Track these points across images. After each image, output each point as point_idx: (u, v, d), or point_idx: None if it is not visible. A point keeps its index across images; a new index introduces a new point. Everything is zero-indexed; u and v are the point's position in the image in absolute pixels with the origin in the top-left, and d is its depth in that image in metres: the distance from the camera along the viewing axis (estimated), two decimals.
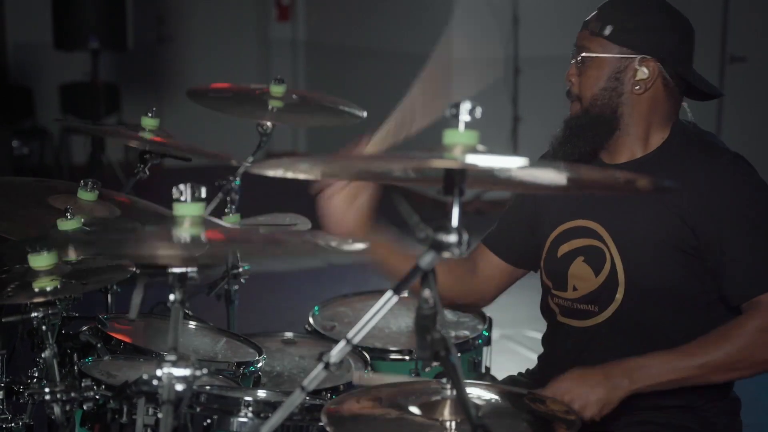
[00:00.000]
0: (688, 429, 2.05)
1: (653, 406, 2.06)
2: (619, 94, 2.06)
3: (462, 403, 1.39)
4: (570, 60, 2.13)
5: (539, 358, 2.30)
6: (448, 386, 1.59)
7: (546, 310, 2.24)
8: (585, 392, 1.92)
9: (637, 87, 2.06)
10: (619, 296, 2.07)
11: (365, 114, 2.67)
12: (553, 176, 1.46)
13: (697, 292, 2.05)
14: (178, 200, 1.46)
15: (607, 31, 2.05)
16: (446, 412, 1.57)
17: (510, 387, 1.84)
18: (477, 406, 1.60)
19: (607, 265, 2.08)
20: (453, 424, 1.56)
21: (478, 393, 1.71)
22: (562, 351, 2.18)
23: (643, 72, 2.05)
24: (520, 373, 2.34)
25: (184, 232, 1.44)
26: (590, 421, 1.91)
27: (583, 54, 2.07)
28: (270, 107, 2.65)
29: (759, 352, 1.96)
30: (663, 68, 2.06)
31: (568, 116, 2.12)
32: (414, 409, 1.60)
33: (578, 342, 2.14)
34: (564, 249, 2.16)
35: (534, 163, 1.34)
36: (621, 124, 2.08)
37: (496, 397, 1.72)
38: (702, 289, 2.04)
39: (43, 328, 1.88)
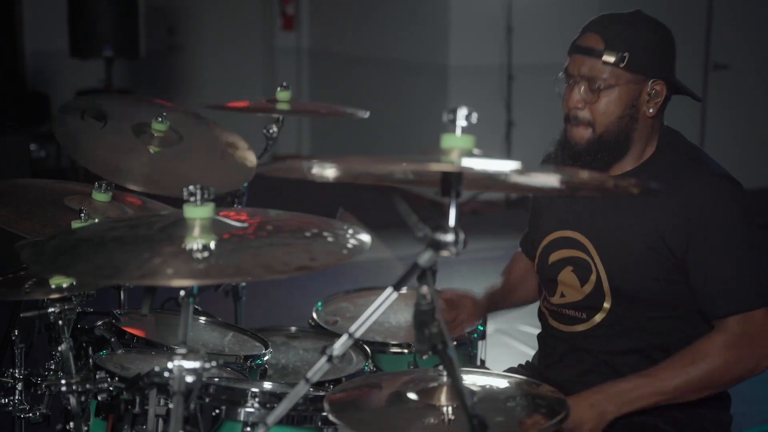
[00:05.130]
0: (676, 419, 2.08)
1: None
2: (635, 120, 2.06)
3: (458, 395, 1.41)
4: (565, 84, 2.09)
5: (535, 355, 2.35)
6: (445, 374, 1.63)
7: (539, 312, 2.29)
8: (576, 428, 1.96)
9: (651, 110, 2.06)
10: (606, 305, 2.10)
11: (367, 114, 2.75)
12: (544, 179, 1.51)
13: (681, 299, 2.06)
14: (188, 201, 1.48)
15: (622, 60, 2.01)
16: (443, 398, 1.61)
17: (507, 374, 1.89)
18: (472, 393, 1.62)
19: (593, 277, 2.10)
20: (450, 409, 1.60)
21: (473, 380, 1.75)
22: (554, 352, 2.22)
23: (656, 95, 2.06)
24: (520, 365, 2.38)
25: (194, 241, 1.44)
26: None
27: (600, 85, 2.03)
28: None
29: (733, 369, 2.00)
30: (667, 87, 2.07)
31: (575, 141, 2.08)
32: (412, 396, 1.64)
33: (568, 344, 2.18)
34: (554, 257, 2.19)
35: (527, 167, 1.41)
36: (631, 146, 2.09)
37: (490, 383, 1.76)
38: (686, 296, 2.06)
39: (60, 322, 1.89)
